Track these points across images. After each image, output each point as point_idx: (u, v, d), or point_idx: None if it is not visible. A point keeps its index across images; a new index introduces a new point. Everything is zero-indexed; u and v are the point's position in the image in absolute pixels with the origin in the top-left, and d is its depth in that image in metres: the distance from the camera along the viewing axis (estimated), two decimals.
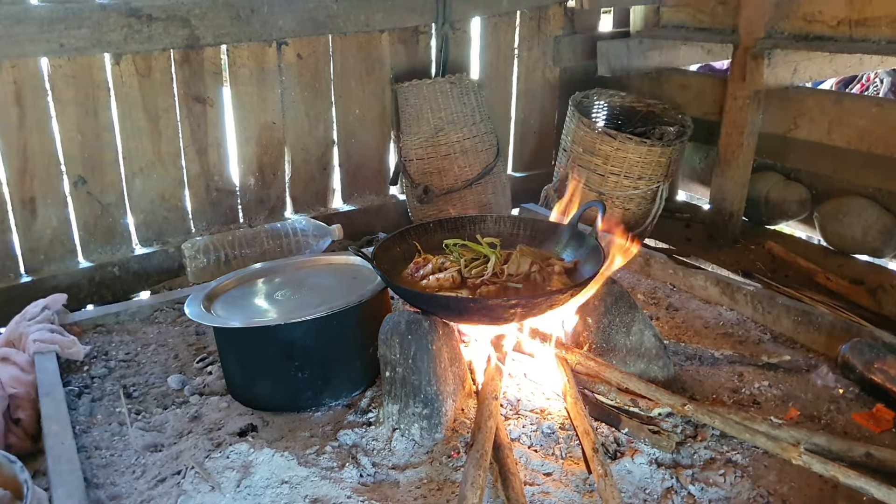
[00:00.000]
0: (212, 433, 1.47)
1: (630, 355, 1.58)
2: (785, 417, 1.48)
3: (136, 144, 2.30)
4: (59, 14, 2.04)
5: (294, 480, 1.28)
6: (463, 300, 1.43)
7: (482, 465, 1.23)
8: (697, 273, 2.05)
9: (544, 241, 1.69)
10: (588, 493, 1.28)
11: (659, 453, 1.38)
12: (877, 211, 2.40)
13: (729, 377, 1.65)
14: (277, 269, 1.82)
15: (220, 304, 1.66)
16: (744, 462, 1.36)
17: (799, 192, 2.66)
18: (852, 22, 2.28)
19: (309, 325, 1.50)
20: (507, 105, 3.02)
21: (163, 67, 2.28)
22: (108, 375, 1.72)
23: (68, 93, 2.15)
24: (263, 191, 2.59)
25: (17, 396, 1.56)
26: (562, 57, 3.02)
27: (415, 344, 1.38)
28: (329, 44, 2.55)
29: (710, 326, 1.89)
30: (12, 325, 1.78)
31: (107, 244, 2.34)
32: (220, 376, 1.67)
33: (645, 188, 2.56)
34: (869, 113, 2.26)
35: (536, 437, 1.41)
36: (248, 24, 2.33)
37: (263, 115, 2.50)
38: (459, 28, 2.76)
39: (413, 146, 2.66)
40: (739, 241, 2.70)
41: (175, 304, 2.02)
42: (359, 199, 2.80)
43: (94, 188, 2.27)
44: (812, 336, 1.76)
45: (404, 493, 1.28)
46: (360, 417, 1.50)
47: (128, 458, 1.42)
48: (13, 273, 2.21)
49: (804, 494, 1.29)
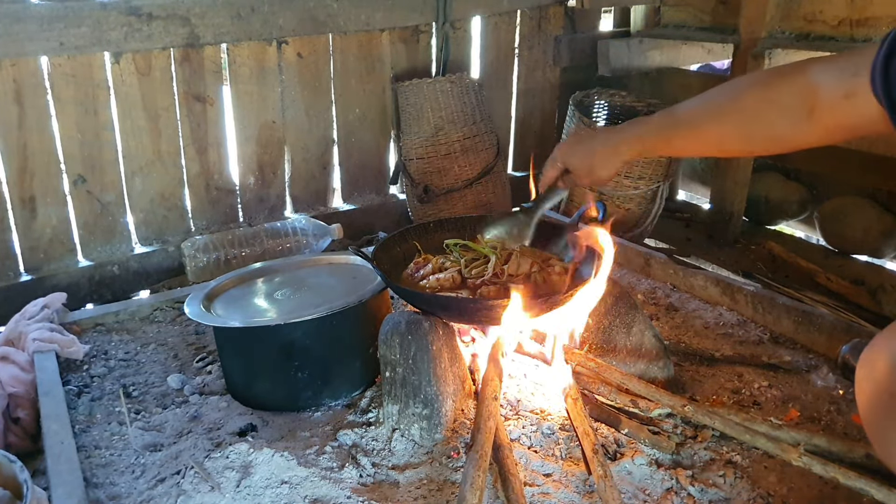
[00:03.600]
0: (211, 433, 1.47)
1: (630, 356, 1.58)
2: (785, 418, 1.48)
3: (136, 143, 2.30)
4: (58, 12, 2.04)
5: (294, 480, 1.28)
6: (463, 300, 1.43)
7: (482, 465, 1.23)
8: (697, 273, 2.05)
9: (545, 241, 1.68)
10: (588, 493, 1.28)
11: (659, 454, 1.38)
12: (877, 211, 2.40)
13: (729, 378, 1.65)
14: (277, 268, 1.82)
15: (219, 303, 1.66)
16: (744, 463, 1.36)
17: (799, 192, 2.66)
18: (853, 22, 2.27)
19: (309, 325, 1.50)
20: (507, 104, 3.02)
21: (163, 66, 2.27)
22: (107, 375, 1.72)
23: (68, 91, 2.15)
24: (263, 190, 2.59)
25: (17, 395, 1.56)
26: (562, 56, 3.02)
27: (415, 344, 1.37)
28: (329, 43, 2.55)
29: (710, 327, 1.89)
30: (12, 323, 1.78)
31: (106, 243, 2.34)
32: (219, 376, 1.67)
33: (645, 188, 2.56)
34: None
35: (536, 437, 1.40)
36: (249, 22, 2.33)
37: (263, 114, 2.50)
38: (460, 27, 2.76)
39: (413, 145, 2.66)
40: (739, 241, 2.70)
41: (175, 304, 2.02)
42: (359, 198, 2.80)
43: (93, 187, 2.26)
44: (812, 336, 1.76)
45: (404, 494, 1.28)
46: (359, 417, 1.50)
47: (127, 458, 1.42)
48: (13, 272, 2.21)
49: (804, 496, 1.29)
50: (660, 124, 1.31)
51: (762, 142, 1.21)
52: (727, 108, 1.19)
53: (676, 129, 1.28)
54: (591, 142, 1.42)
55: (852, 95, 1.01)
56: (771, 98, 1.12)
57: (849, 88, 1.01)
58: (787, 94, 1.10)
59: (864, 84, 0.98)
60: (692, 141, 1.29)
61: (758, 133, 1.17)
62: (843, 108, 1.03)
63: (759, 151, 1.58)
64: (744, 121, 1.17)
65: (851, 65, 1.01)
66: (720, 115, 1.21)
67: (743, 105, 1.16)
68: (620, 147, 1.37)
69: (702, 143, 1.29)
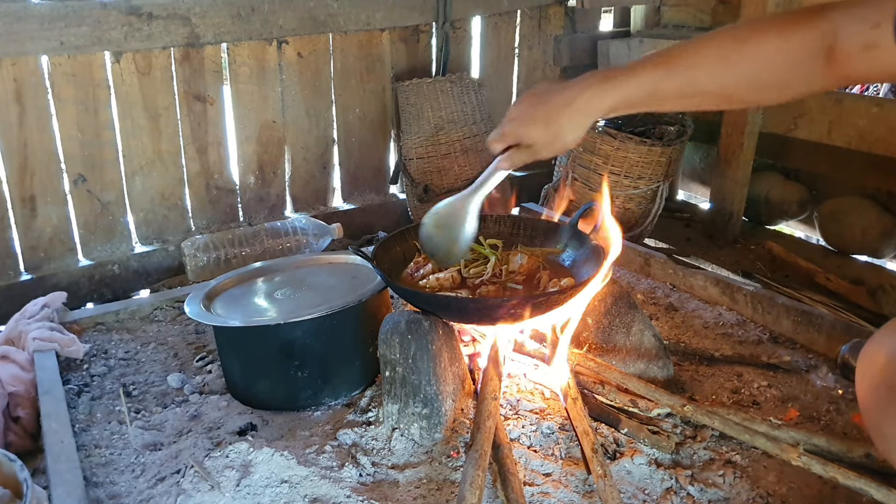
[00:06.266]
0: (211, 432, 1.47)
1: (630, 355, 1.58)
2: (784, 418, 1.48)
3: (137, 143, 2.30)
4: (59, 12, 2.04)
5: (294, 480, 1.28)
6: (463, 300, 1.43)
7: (481, 465, 1.23)
8: (697, 273, 2.05)
9: (544, 241, 1.68)
10: (587, 493, 1.28)
11: (658, 454, 1.38)
12: (877, 211, 2.40)
13: (728, 378, 1.65)
14: (277, 267, 1.82)
15: (219, 302, 1.66)
16: (743, 463, 1.36)
17: (799, 192, 2.66)
18: None
19: (309, 325, 1.50)
20: (507, 104, 3.02)
21: (163, 66, 2.28)
22: (107, 374, 1.72)
23: (68, 91, 2.15)
24: (263, 189, 2.59)
25: (17, 394, 1.56)
26: (562, 56, 3.02)
27: (415, 344, 1.38)
28: (329, 42, 2.55)
29: (709, 327, 1.89)
30: (12, 323, 1.78)
31: (107, 242, 2.34)
32: (219, 375, 1.67)
33: (645, 188, 2.56)
34: (869, 113, 2.26)
35: (536, 437, 1.41)
36: (249, 22, 2.33)
37: (264, 113, 2.50)
38: (460, 27, 2.76)
39: (413, 145, 2.66)
40: (739, 241, 2.70)
41: (175, 303, 2.02)
42: (359, 197, 2.80)
43: (94, 186, 2.27)
44: (812, 336, 1.76)
45: (403, 493, 1.28)
46: (359, 417, 1.50)
47: (127, 457, 1.42)
48: (13, 271, 2.21)
49: (803, 495, 1.30)
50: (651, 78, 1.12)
51: (771, 91, 1.11)
52: (736, 57, 1.07)
53: (670, 81, 1.11)
54: (548, 104, 1.19)
55: (873, 47, 0.96)
56: (786, 48, 1.04)
57: (869, 40, 0.96)
58: (803, 43, 1.02)
59: (886, 36, 0.93)
60: (689, 96, 1.13)
61: (769, 82, 1.08)
62: (861, 60, 0.98)
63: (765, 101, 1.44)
64: (757, 68, 1.06)
65: (873, 14, 0.96)
66: (728, 65, 1.08)
67: (754, 53, 1.06)
68: (592, 105, 1.16)
69: (700, 97, 1.14)
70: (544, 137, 1.22)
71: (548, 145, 1.23)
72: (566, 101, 1.17)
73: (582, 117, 1.17)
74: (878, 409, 0.95)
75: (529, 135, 1.23)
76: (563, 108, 1.17)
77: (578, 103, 1.16)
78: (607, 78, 1.15)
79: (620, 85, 1.14)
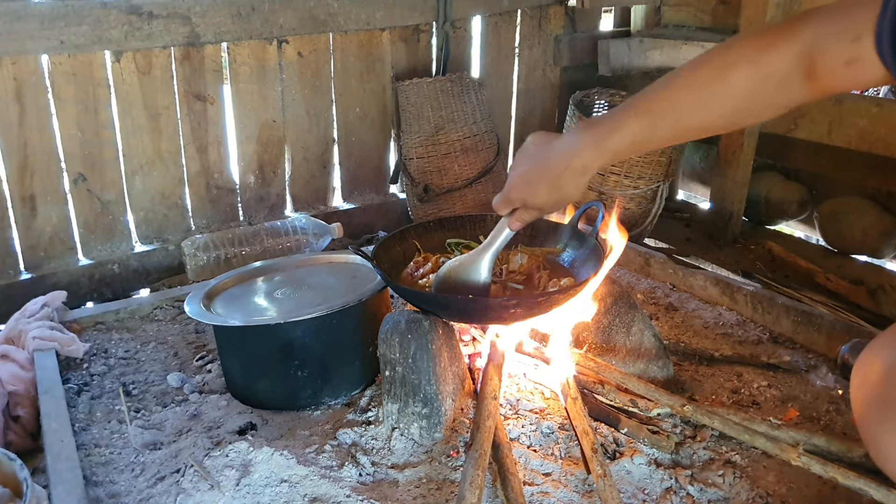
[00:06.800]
0: (211, 431, 1.47)
1: (630, 355, 1.58)
2: (784, 418, 1.48)
3: (137, 142, 2.30)
4: (59, 11, 2.04)
5: (293, 479, 1.28)
6: (463, 300, 1.43)
7: (481, 464, 1.23)
8: (697, 273, 2.05)
9: (544, 241, 1.68)
10: (587, 493, 1.28)
11: (658, 454, 1.38)
12: (877, 211, 2.40)
13: (728, 378, 1.65)
14: (277, 267, 1.82)
15: (219, 302, 1.66)
16: (743, 463, 1.36)
17: (799, 192, 2.66)
18: None
19: (309, 324, 1.50)
20: (507, 104, 3.02)
21: (163, 65, 2.28)
22: (107, 373, 1.72)
23: (68, 90, 2.15)
24: (263, 189, 2.59)
25: (17, 394, 1.56)
26: (562, 56, 3.02)
27: (414, 343, 1.38)
28: (330, 42, 2.55)
29: (709, 326, 1.89)
30: (12, 322, 1.78)
31: (107, 242, 2.34)
32: (219, 374, 1.67)
33: (645, 188, 2.56)
34: (869, 113, 2.26)
35: (536, 436, 1.41)
36: (249, 21, 2.33)
37: (264, 113, 2.50)
38: (460, 27, 2.76)
39: (413, 145, 2.66)
40: (739, 241, 2.70)
41: (175, 302, 2.02)
42: (359, 197, 2.80)
43: (94, 186, 2.27)
44: (812, 336, 1.76)
45: (403, 493, 1.28)
46: (359, 416, 1.50)
47: (127, 456, 1.42)
48: (13, 270, 2.21)
49: (803, 495, 1.30)
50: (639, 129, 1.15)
51: (756, 115, 1.13)
52: (716, 93, 1.07)
53: (656, 131, 1.14)
54: (548, 167, 1.24)
55: (854, 62, 0.94)
56: (761, 76, 1.03)
57: (850, 55, 0.94)
58: (779, 68, 1.01)
59: (868, 49, 0.91)
60: (679, 137, 1.17)
61: (752, 109, 1.09)
62: (844, 74, 0.96)
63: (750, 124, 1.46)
64: (737, 101, 1.07)
65: (850, 28, 0.94)
66: (708, 103, 1.09)
67: (734, 86, 1.05)
68: (589, 165, 1.21)
69: (686, 134, 1.17)
70: (550, 199, 1.28)
71: (553, 205, 1.30)
72: (565, 164, 1.22)
73: (580, 176, 1.22)
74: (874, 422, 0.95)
75: (535, 199, 1.28)
76: (564, 170, 1.22)
77: (576, 164, 1.21)
78: (600, 137, 1.18)
79: (612, 143, 1.17)
